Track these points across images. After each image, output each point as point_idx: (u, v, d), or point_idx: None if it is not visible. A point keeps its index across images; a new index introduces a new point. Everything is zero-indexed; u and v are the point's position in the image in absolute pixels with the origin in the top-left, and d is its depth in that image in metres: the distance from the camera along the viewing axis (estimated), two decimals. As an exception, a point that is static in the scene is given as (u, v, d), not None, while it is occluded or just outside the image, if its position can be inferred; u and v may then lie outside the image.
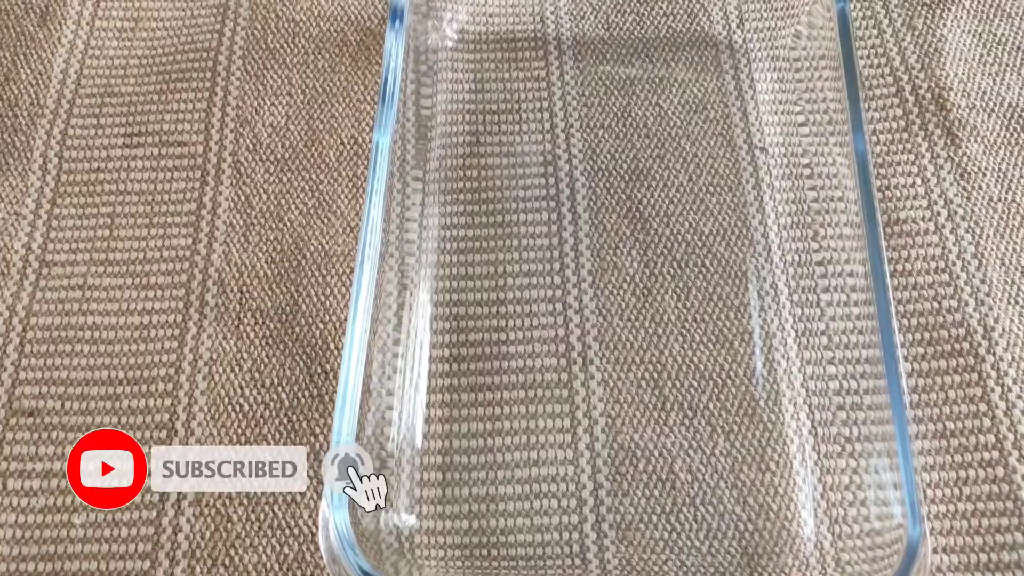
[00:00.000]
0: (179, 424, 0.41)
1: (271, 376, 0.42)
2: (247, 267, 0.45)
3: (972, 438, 0.39)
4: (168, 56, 0.51)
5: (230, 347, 0.43)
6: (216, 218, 0.46)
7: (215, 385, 0.42)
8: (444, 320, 0.42)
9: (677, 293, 0.42)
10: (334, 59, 0.51)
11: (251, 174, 0.47)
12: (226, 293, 0.44)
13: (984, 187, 0.45)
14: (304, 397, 0.41)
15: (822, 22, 0.43)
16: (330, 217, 0.46)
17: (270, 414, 0.41)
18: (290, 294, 0.44)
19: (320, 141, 0.48)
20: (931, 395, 0.40)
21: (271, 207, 0.46)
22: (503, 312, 0.42)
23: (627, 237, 0.44)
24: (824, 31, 0.42)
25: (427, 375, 0.41)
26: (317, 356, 0.42)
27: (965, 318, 0.42)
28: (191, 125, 0.49)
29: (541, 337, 0.41)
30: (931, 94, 0.48)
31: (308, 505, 0.39)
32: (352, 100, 0.49)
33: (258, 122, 0.49)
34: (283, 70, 0.51)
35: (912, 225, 0.44)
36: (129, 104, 0.50)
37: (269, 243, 0.45)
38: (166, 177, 0.47)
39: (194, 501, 0.39)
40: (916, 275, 0.43)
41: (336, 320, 0.43)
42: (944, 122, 0.47)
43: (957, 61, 0.49)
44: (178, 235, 0.46)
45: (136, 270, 0.45)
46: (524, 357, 0.41)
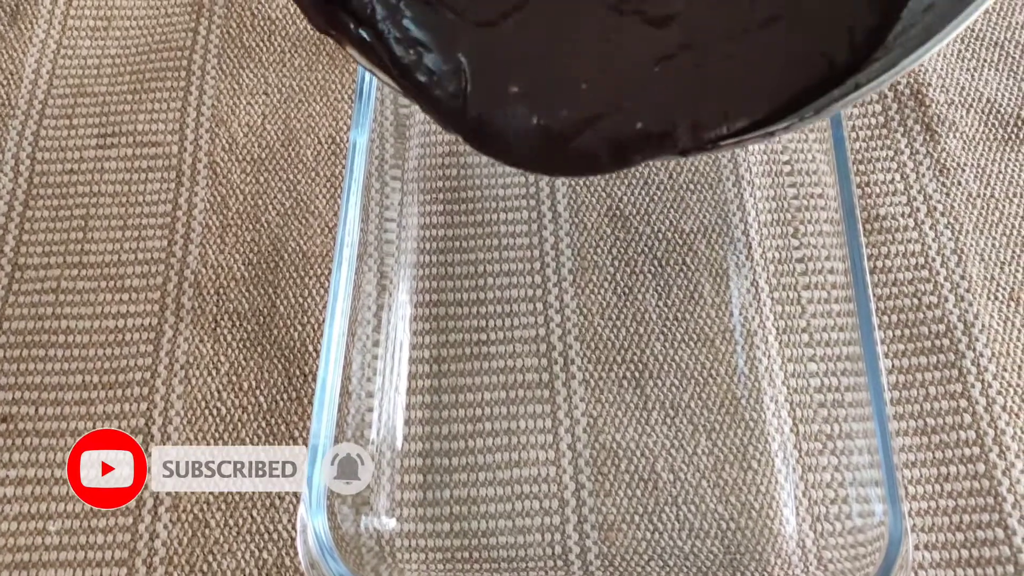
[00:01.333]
0: (155, 428, 0.41)
1: (249, 379, 0.42)
2: (224, 269, 0.45)
3: (952, 434, 0.40)
4: (142, 55, 0.51)
5: (207, 350, 0.43)
6: (192, 219, 0.46)
7: (192, 389, 0.42)
8: (424, 321, 0.43)
9: (657, 292, 0.43)
10: (311, 57, 0.51)
11: (227, 174, 0.48)
12: (202, 295, 0.44)
13: (963, 183, 0.46)
14: (283, 400, 0.42)
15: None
16: (308, 217, 0.46)
17: (248, 418, 0.41)
18: (268, 296, 0.44)
19: (297, 140, 0.48)
20: (911, 392, 0.41)
21: (248, 208, 0.47)
22: (483, 312, 0.43)
23: (607, 235, 0.44)
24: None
25: (407, 376, 0.41)
26: (295, 359, 0.42)
27: (945, 314, 0.42)
28: (166, 125, 0.49)
29: (522, 337, 0.42)
30: (910, 90, 0.48)
31: (287, 509, 0.39)
32: (329, 99, 0.49)
33: (234, 122, 0.49)
34: (259, 69, 0.51)
35: (892, 221, 0.45)
36: (102, 104, 0.50)
37: (246, 244, 0.46)
38: (140, 178, 0.48)
39: (171, 507, 0.39)
40: (896, 271, 0.43)
41: (314, 322, 0.43)
42: (923, 118, 0.47)
43: (936, 57, 0.49)
44: (153, 237, 0.46)
45: (111, 273, 0.45)
46: (505, 357, 0.42)
